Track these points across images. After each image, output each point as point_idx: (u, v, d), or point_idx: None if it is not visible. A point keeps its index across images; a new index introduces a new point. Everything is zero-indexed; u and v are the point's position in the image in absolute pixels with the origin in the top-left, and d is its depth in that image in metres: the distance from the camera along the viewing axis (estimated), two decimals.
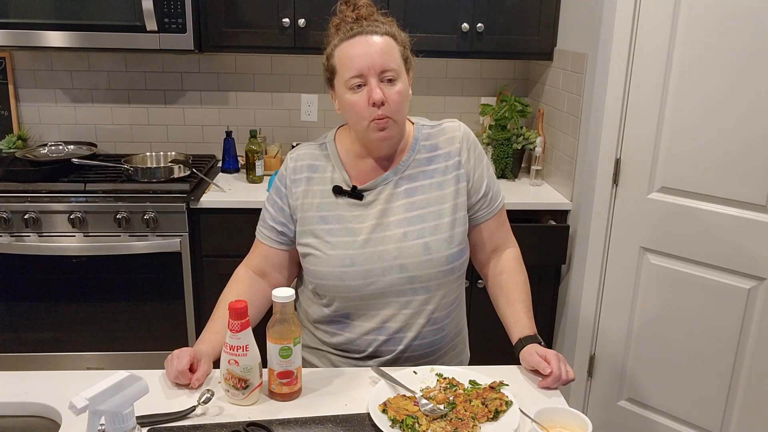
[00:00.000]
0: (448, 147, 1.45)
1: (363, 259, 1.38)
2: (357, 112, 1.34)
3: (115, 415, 0.90)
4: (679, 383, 2.24)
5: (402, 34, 1.39)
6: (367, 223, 1.40)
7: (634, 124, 2.19)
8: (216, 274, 2.52)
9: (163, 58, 2.90)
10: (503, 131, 2.79)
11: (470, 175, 1.45)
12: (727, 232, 2.05)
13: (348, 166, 1.44)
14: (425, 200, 1.42)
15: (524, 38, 2.67)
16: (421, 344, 1.44)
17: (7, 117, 2.90)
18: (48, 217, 2.38)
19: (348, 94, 1.34)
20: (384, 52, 1.32)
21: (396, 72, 1.33)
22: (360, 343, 1.44)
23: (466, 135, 1.47)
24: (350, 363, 1.46)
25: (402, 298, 1.40)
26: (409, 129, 1.47)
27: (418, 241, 1.39)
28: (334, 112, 2.98)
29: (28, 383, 1.29)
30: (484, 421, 1.19)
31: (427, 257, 1.39)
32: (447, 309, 1.46)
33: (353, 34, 1.33)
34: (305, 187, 1.44)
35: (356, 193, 1.42)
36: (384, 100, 1.31)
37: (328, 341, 1.48)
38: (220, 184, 2.63)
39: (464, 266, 1.47)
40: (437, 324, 1.45)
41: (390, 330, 1.42)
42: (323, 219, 1.41)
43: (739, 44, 1.93)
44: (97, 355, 2.55)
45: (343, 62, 1.33)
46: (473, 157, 1.46)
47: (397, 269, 1.38)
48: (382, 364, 1.44)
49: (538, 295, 2.64)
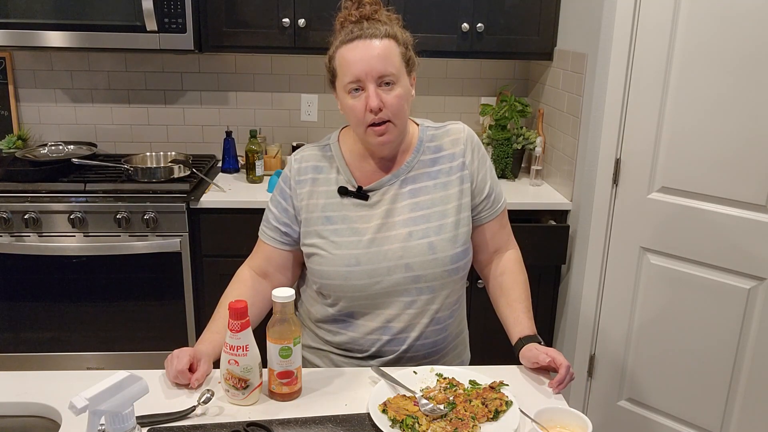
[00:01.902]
0: (452, 148, 1.46)
1: (368, 258, 1.39)
2: (355, 116, 1.35)
3: (115, 415, 0.90)
4: (679, 383, 2.24)
5: (404, 34, 1.39)
6: (372, 223, 1.41)
7: (634, 124, 2.19)
8: (216, 274, 2.52)
9: (163, 58, 2.90)
10: (503, 131, 2.79)
11: (474, 177, 1.46)
12: (727, 232, 2.05)
13: (352, 167, 1.45)
14: (430, 200, 1.43)
15: (524, 38, 2.67)
16: (424, 344, 1.44)
17: (7, 117, 2.90)
18: (48, 217, 2.38)
19: (347, 99, 1.35)
20: (383, 57, 1.31)
21: (395, 76, 1.33)
22: (363, 343, 1.44)
23: (470, 137, 1.47)
24: (352, 363, 1.46)
25: (406, 298, 1.41)
26: (414, 130, 1.48)
27: (423, 241, 1.39)
28: (334, 112, 3.00)
29: (28, 383, 1.29)
30: (484, 421, 1.19)
31: (432, 256, 1.39)
32: (450, 309, 1.47)
33: (353, 38, 1.33)
34: (310, 188, 1.44)
35: (361, 193, 1.42)
36: (381, 106, 1.31)
37: (331, 340, 1.48)
38: (220, 184, 2.63)
39: (468, 266, 1.48)
40: (440, 324, 1.45)
41: (394, 330, 1.42)
42: (328, 219, 1.41)
43: (739, 44, 1.93)
44: (97, 355, 2.55)
45: (342, 66, 1.34)
46: (477, 158, 1.47)
47: (402, 268, 1.39)
48: (383, 364, 1.44)
49: (538, 295, 2.64)
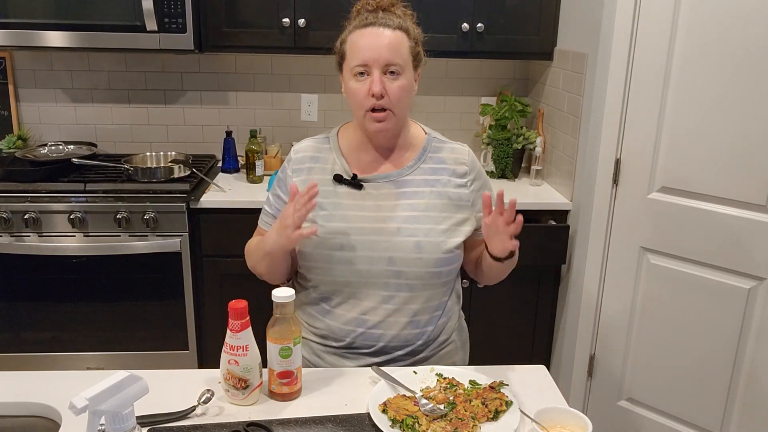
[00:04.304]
0: (454, 165, 1.49)
1: (352, 245, 1.41)
2: (357, 99, 1.39)
3: (115, 415, 0.90)
4: (679, 383, 2.24)
5: (416, 30, 1.44)
6: (363, 214, 1.44)
7: (634, 124, 2.19)
8: (216, 274, 2.52)
9: (163, 58, 2.90)
10: (503, 131, 2.79)
11: (475, 203, 1.48)
12: (727, 232, 2.05)
13: (348, 158, 1.49)
14: (425, 205, 1.44)
15: (524, 38, 2.67)
16: (400, 345, 1.45)
17: (7, 117, 2.90)
18: (48, 217, 2.38)
19: (352, 81, 1.40)
20: (392, 47, 1.37)
21: (401, 67, 1.38)
22: (338, 332, 1.45)
23: (473, 162, 1.52)
24: (330, 352, 1.48)
25: (385, 292, 1.42)
26: (421, 136, 1.52)
27: (411, 239, 1.41)
28: (334, 112, 3.00)
29: (28, 383, 1.29)
30: (484, 421, 1.19)
31: (416, 255, 1.41)
32: (430, 314, 1.47)
33: (366, 24, 1.39)
34: (306, 176, 1.48)
35: (356, 181, 1.45)
36: (384, 92, 1.36)
37: (312, 325, 1.49)
38: (220, 184, 2.62)
39: (452, 273, 1.49)
40: (419, 328, 1.45)
41: (369, 323, 1.43)
42: (320, 205, 1.44)
43: (739, 44, 1.93)
44: (97, 355, 2.55)
45: (352, 50, 1.39)
46: (478, 185, 1.51)
47: (385, 261, 1.41)
48: (360, 356, 1.45)
49: (538, 295, 2.65)
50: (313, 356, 1.50)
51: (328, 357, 1.48)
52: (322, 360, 1.48)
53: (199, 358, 2.59)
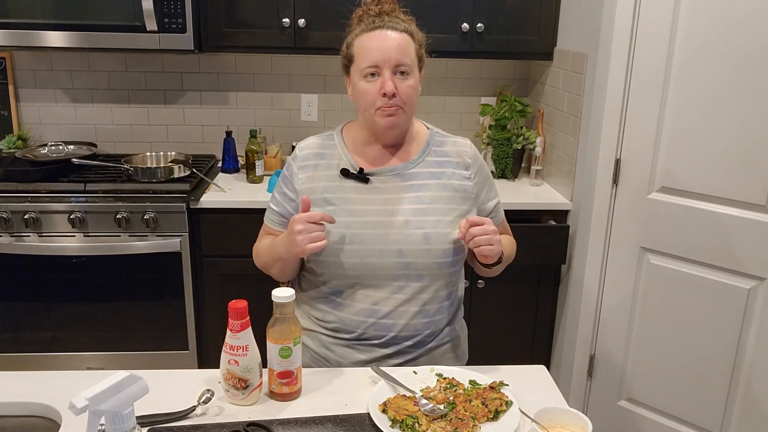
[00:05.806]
0: (457, 158, 1.52)
1: (362, 238, 1.43)
2: (368, 99, 1.42)
3: (115, 415, 0.90)
4: (679, 383, 2.24)
5: (419, 33, 1.48)
6: (371, 207, 1.45)
7: (634, 124, 2.19)
8: (216, 274, 2.53)
9: (163, 58, 2.90)
10: (503, 131, 2.79)
11: (479, 195, 1.52)
12: (727, 232, 2.05)
13: (354, 153, 1.51)
14: (431, 197, 1.47)
15: (524, 38, 2.67)
16: (410, 334, 1.46)
17: (7, 117, 2.90)
18: (48, 217, 2.38)
19: (362, 82, 1.42)
20: (401, 48, 1.40)
21: (409, 67, 1.42)
22: (350, 324, 1.46)
23: (476, 155, 1.56)
24: (340, 344, 1.48)
25: (396, 282, 1.44)
26: (423, 131, 1.56)
27: (419, 231, 1.43)
28: (334, 112, 3.00)
29: (28, 383, 1.29)
30: (484, 421, 1.19)
31: (425, 246, 1.43)
32: (440, 303, 1.49)
33: (374, 27, 1.42)
34: (311, 173, 1.50)
35: (363, 175, 1.47)
36: (395, 92, 1.40)
37: (322, 319, 1.50)
38: (220, 184, 2.62)
39: (461, 262, 1.53)
40: (428, 317, 1.47)
41: (380, 313, 1.44)
42: (327, 200, 1.46)
43: (739, 44, 1.93)
44: (97, 355, 2.55)
45: (361, 52, 1.42)
46: (481, 177, 1.54)
47: (395, 254, 1.43)
48: (371, 347, 1.46)
49: (538, 295, 2.65)
50: (322, 349, 1.51)
51: (339, 349, 1.48)
52: (332, 352, 1.49)
53: (199, 358, 2.59)
